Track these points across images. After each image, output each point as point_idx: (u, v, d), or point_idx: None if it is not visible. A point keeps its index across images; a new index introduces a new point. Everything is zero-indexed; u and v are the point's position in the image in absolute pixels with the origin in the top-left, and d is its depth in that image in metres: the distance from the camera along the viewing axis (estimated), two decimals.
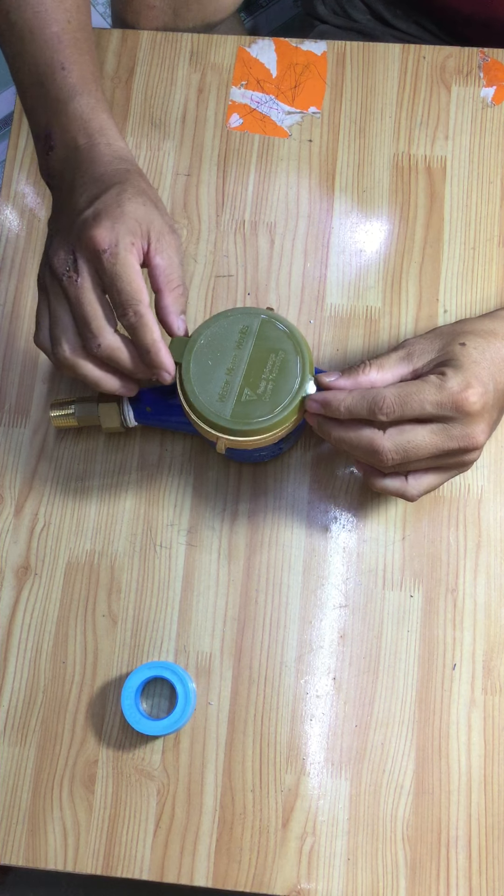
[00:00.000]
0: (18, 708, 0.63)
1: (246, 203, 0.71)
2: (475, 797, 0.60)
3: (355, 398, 0.53)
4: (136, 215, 0.53)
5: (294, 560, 0.64)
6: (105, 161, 0.56)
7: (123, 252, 0.52)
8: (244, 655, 0.63)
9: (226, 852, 0.60)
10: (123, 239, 0.52)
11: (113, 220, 0.52)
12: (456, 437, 0.53)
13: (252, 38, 0.75)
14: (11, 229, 0.73)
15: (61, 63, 0.59)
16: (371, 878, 0.59)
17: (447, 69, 0.73)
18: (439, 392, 0.52)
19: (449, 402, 0.52)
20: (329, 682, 0.62)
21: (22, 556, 0.66)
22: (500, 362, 0.54)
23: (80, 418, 0.64)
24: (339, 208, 0.71)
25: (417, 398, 0.52)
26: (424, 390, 0.52)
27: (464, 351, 0.53)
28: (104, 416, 0.63)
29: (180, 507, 0.66)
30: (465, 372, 0.52)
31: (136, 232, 0.53)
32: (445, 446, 0.53)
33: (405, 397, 0.52)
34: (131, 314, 0.53)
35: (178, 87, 0.74)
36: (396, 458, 0.53)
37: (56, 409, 0.64)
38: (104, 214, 0.53)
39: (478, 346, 0.54)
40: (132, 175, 0.56)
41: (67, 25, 0.60)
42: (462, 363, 0.53)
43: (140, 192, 0.54)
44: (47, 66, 0.59)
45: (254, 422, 0.55)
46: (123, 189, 0.54)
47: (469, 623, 0.62)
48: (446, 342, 0.55)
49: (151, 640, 0.64)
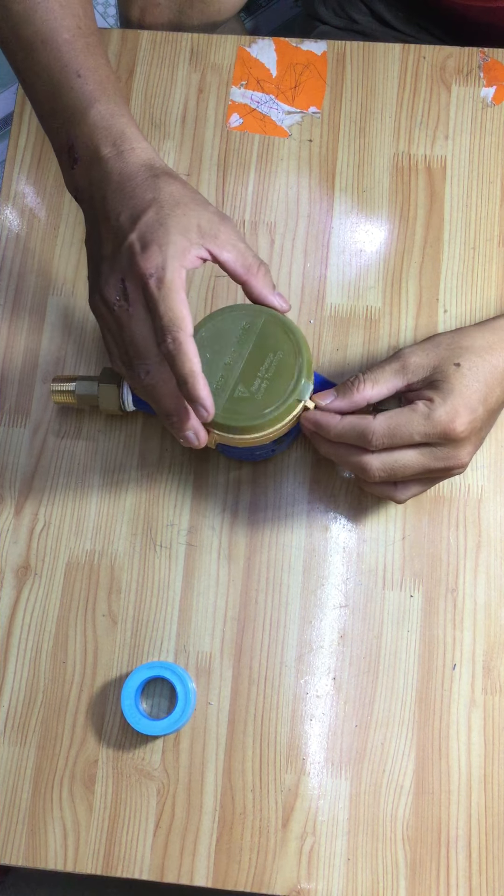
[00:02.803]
0: (18, 708, 0.63)
1: (246, 203, 0.71)
2: (475, 797, 0.60)
3: (345, 427, 0.56)
4: (180, 229, 0.51)
5: (294, 560, 0.64)
6: (133, 171, 0.54)
7: (169, 276, 0.50)
8: (244, 655, 0.63)
9: (226, 852, 0.60)
10: (171, 263, 0.50)
11: (159, 244, 0.51)
12: (442, 459, 0.55)
13: (252, 38, 0.75)
14: (11, 229, 0.73)
15: (76, 71, 0.57)
16: (371, 878, 0.59)
17: (447, 69, 0.73)
18: (427, 422, 0.54)
19: (436, 432, 0.54)
20: (329, 682, 0.62)
21: (22, 556, 0.66)
22: (493, 380, 0.56)
23: (80, 396, 0.64)
24: (339, 208, 0.71)
25: (406, 429, 0.54)
26: (413, 421, 0.54)
27: (457, 373, 0.55)
28: (103, 396, 0.63)
29: (180, 507, 0.66)
30: (454, 399, 0.54)
31: (185, 249, 0.51)
32: (431, 465, 0.55)
33: (394, 429, 0.54)
34: (169, 341, 0.50)
35: (178, 86, 0.74)
36: (383, 475, 0.56)
37: (57, 383, 0.64)
38: (149, 239, 0.51)
39: (472, 367, 0.55)
40: (162, 182, 0.53)
41: (78, 31, 0.58)
42: (453, 388, 0.54)
43: (176, 203, 0.52)
44: (62, 75, 0.57)
45: (242, 419, 0.55)
46: (160, 205, 0.52)
47: (469, 623, 0.62)
48: (442, 360, 0.56)
49: (151, 640, 0.64)
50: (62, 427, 0.68)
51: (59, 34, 0.58)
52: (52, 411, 0.68)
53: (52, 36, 0.58)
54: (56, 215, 0.72)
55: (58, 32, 0.58)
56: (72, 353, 0.69)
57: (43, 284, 0.71)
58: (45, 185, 0.73)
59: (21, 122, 0.75)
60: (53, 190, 0.73)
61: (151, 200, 0.52)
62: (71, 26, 0.58)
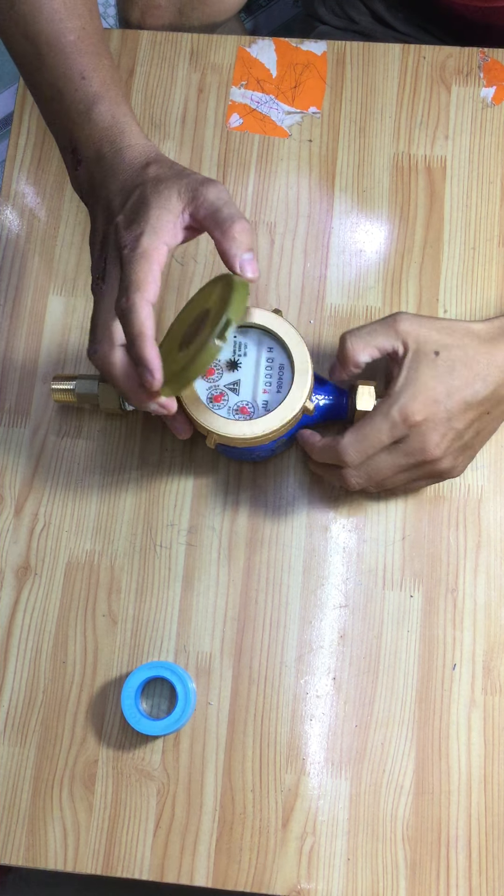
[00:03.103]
0: (18, 708, 0.63)
1: (246, 203, 0.71)
2: (475, 797, 0.60)
3: (322, 453, 0.58)
4: (161, 202, 0.51)
5: (294, 560, 0.64)
6: (127, 166, 0.54)
7: (143, 246, 0.50)
8: (244, 655, 0.63)
9: (226, 852, 0.60)
10: (148, 235, 0.50)
11: (139, 221, 0.51)
12: (410, 453, 0.56)
13: (252, 38, 0.75)
14: (11, 229, 0.73)
15: (81, 72, 0.57)
16: (371, 878, 0.59)
17: (447, 69, 0.73)
18: (386, 418, 0.55)
19: (398, 422, 0.55)
20: (329, 682, 0.62)
21: (22, 556, 0.66)
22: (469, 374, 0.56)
23: (80, 395, 0.64)
24: (339, 208, 0.71)
25: (372, 434, 0.55)
26: (375, 423, 0.55)
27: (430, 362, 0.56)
28: (103, 395, 0.63)
29: (180, 507, 0.66)
30: (413, 387, 0.55)
31: (167, 222, 0.51)
32: (404, 462, 0.56)
33: (361, 439, 0.55)
34: (123, 300, 0.49)
35: (178, 87, 0.74)
36: (362, 482, 0.57)
37: (57, 381, 0.64)
38: (132, 217, 0.51)
39: (449, 359, 0.56)
40: (150, 168, 0.54)
41: (83, 32, 0.59)
42: (418, 377, 0.55)
43: (158, 180, 0.52)
44: (67, 77, 0.57)
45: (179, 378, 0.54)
46: (145, 186, 0.52)
47: (469, 623, 0.62)
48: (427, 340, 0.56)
49: (151, 640, 0.64)
50: (62, 427, 0.68)
51: (65, 36, 0.58)
52: (52, 411, 0.68)
53: (57, 37, 0.58)
54: (56, 215, 0.72)
55: (63, 34, 0.58)
56: (72, 353, 0.69)
57: (43, 284, 0.71)
58: (45, 185, 0.73)
59: (21, 122, 0.75)
60: (53, 190, 0.73)
61: (138, 184, 0.53)
62: (76, 27, 0.58)
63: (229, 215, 0.50)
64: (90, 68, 0.57)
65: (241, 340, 0.59)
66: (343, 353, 0.57)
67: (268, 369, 0.59)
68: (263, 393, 0.58)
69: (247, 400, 0.58)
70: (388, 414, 0.55)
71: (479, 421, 0.58)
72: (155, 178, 0.52)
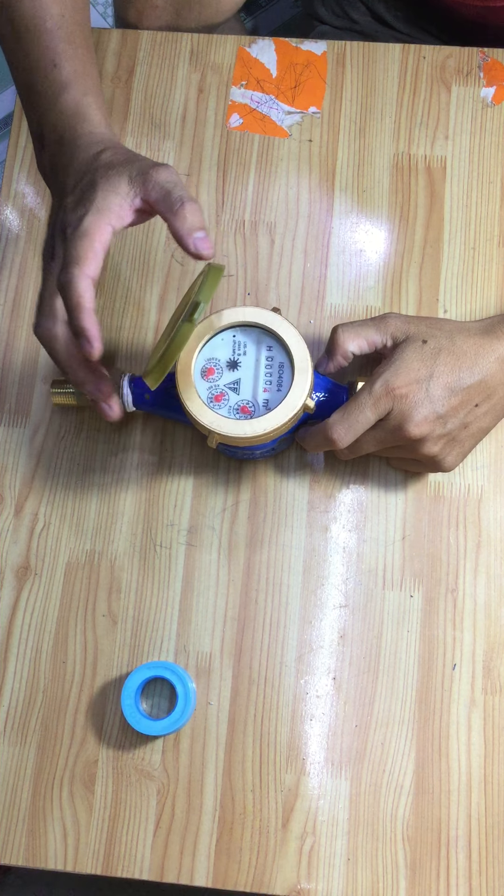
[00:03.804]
0: (18, 708, 0.63)
1: (246, 203, 0.71)
2: (475, 797, 0.60)
3: (312, 436, 0.59)
4: (109, 186, 0.52)
5: (294, 560, 0.64)
6: (82, 152, 0.56)
7: (85, 225, 0.51)
8: (244, 655, 0.63)
9: (226, 852, 0.60)
10: (92, 215, 0.51)
11: (86, 202, 0.52)
12: (390, 430, 0.57)
13: (252, 38, 0.75)
14: (11, 229, 0.73)
15: (52, 60, 0.59)
16: (371, 878, 0.59)
17: (447, 69, 0.73)
18: (370, 395, 0.56)
19: (381, 394, 0.56)
20: (329, 682, 0.62)
21: (22, 556, 0.66)
22: (454, 362, 0.57)
23: (80, 397, 0.64)
24: (339, 208, 0.71)
25: (358, 412, 0.57)
26: (360, 399, 0.56)
27: (417, 348, 0.57)
28: None
29: (180, 507, 0.66)
30: (395, 365, 0.57)
31: (113, 204, 0.52)
32: (385, 439, 0.58)
33: (347, 417, 0.57)
34: (62, 275, 0.50)
35: (178, 87, 0.74)
36: (349, 454, 0.60)
37: (57, 386, 0.64)
38: (79, 199, 0.53)
39: (436, 347, 0.57)
40: (105, 153, 0.55)
41: (62, 20, 0.60)
42: (403, 357, 0.57)
43: (109, 165, 0.53)
44: (39, 63, 0.59)
45: (158, 364, 0.55)
46: (95, 170, 0.53)
47: (469, 623, 0.62)
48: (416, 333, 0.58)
49: (151, 640, 0.64)
50: (62, 427, 0.68)
51: (43, 22, 0.60)
52: (52, 411, 0.68)
53: (36, 23, 0.59)
54: None
55: (42, 20, 0.60)
56: None
57: None
58: (44, 185, 0.73)
59: (21, 122, 0.75)
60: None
61: (90, 170, 0.54)
62: (55, 15, 0.60)
63: (179, 197, 0.51)
64: (63, 56, 0.59)
65: (240, 340, 0.59)
66: (333, 342, 0.59)
67: (268, 368, 0.59)
68: (264, 392, 0.58)
69: (247, 399, 0.58)
70: (371, 388, 0.56)
71: (466, 412, 0.58)
72: (107, 163, 0.54)
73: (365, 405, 0.56)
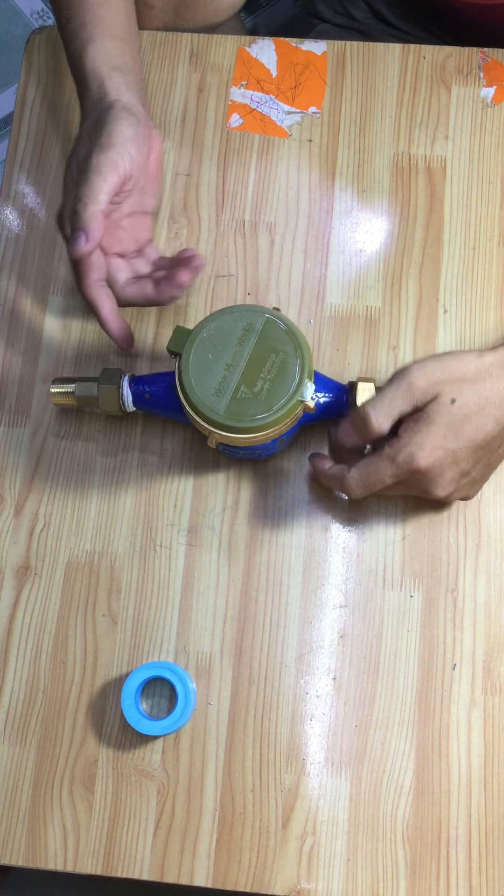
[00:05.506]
0: (18, 708, 0.63)
1: (246, 203, 0.71)
2: (475, 797, 0.60)
3: (329, 479, 0.60)
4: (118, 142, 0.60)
5: (294, 560, 0.64)
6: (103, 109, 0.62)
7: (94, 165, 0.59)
8: (244, 655, 0.63)
9: (226, 852, 0.60)
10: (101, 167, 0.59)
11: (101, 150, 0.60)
12: (411, 487, 0.58)
13: (252, 38, 0.75)
14: (11, 229, 0.73)
15: None
16: (371, 878, 0.59)
17: (447, 69, 0.73)
18: (392, 465, 0.56)
19: (402, 472, 0.56)
20: (329, 682, 0.62)
21: (22, 556, 0.66)
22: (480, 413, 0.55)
23: (80, 398, 0.64)
24: (339, 208, 0.71)
25: (376, 476, 0.56)
26: (381, 468, 0.56)
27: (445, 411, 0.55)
28: (103, 397, 0.63)
29: (180, 507, 0.66)
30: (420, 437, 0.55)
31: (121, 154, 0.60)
32: (405, 492, 0.60)
33: (366, 478, 0.57)
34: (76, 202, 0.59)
35: (178, 86, 0.74)
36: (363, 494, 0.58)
37: (57, 385, 0.64)
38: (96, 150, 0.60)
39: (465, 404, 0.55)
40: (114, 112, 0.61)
41: None
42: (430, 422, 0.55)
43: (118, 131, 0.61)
44: None
45: (246, 420, 0.55)
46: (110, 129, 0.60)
47: (469, 623, 0.62)
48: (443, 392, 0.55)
49: (151, 640, 0.64)
50: (62, 427, 0.68)
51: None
52: (52, 411, 0.68)
53: None
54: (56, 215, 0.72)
55: None
56: (71, 354, 0.69)
57: (43, 284, 0.71)
58: (45, 185, 0.73)
59: (21, 122, 0.75)
60: (53, 190, 0.73)
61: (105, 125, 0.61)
62: None
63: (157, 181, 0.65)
64: None
65: None
66: (367, 426, 0.56)
67: None
68: None
69: None
70: (393, 459, 0.56)
71: (488, 456, 0.58)
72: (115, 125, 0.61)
73: (385, 473, 0.56)
